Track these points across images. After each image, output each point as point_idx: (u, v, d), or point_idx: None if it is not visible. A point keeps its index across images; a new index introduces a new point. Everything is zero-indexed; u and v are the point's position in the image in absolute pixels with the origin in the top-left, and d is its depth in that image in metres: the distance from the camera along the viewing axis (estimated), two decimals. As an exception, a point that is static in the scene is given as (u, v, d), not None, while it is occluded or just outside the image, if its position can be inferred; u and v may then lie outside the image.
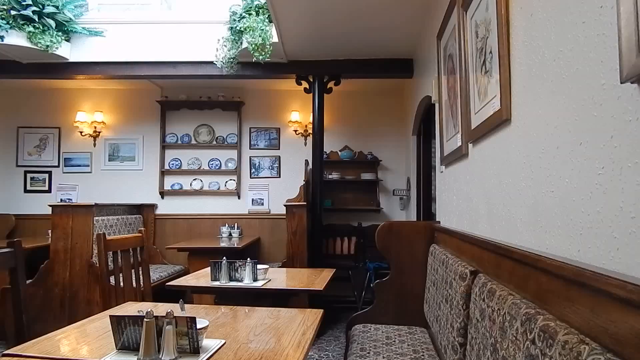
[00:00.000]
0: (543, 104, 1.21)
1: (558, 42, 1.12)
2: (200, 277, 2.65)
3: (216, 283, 2.38)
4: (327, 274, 2.64)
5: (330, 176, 5.30)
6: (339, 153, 5.48)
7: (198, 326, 1.24)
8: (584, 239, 0.97)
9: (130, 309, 1.81)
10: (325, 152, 5.24)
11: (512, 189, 1.47)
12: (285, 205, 4.30)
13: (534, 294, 1.14)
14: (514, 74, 1.45)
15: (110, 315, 1.28)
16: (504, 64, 1.50)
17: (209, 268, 2.58)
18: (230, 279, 2.39)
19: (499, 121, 1.55)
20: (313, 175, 4.51)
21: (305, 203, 4.26)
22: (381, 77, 4.66)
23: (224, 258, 2.38)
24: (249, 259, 2.39)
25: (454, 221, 2.45)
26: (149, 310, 1.19)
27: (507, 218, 1.53)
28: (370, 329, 2.59)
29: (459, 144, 2.21)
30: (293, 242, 4.16)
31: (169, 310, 1.19)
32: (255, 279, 2.36)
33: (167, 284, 2.48)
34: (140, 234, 2.83)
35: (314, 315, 1.68)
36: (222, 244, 4.61)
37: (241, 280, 2.36)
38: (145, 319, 1.16)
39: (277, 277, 2.58)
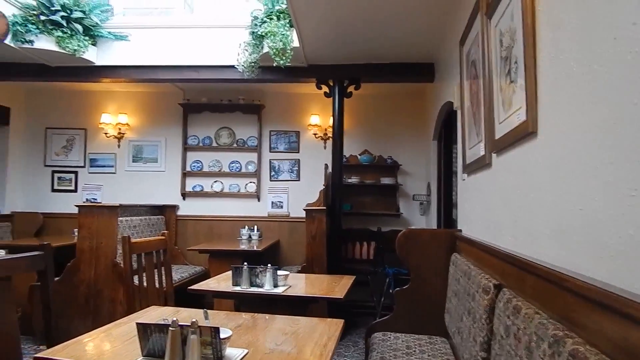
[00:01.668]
0: (571, 118, 1.19)
1: (587, 56, 1.10)
2: (222, 281, 2.68)
3: (237, 288, 2.41)
4: (347, 281, 2.64)
5: (349, 180, 5.30)
6: (359, 157, 5.47)
7: (221, 336, 1.26)
8: (614, 261, 0.95)
9: (154, 314, 1.85)
10: (345, 155, 5.24)
11: (537, 203, 1.45)
12: (305, 210, 4.31)
13: (560, 313, 1.12)
14: (540, 85, 1.43)
15: (137, 323, 1.31)
16: (530, 76, 1.47)
17: (229, 272, 2.61)
18: (251, 285, 2.41)
19: (525, 133, 1.52)
20: (333, 179, 4.51)
21: (324, 207, 4.27)
22: (402, 81, 4.64)
23: (245, 264, 2.40)
24: (269, 265, 2.41)
25: (476, 231, 2.42)
26: (174, 319, 1.22)
27: (531, 232, 1.50)
28: (390, 337, 2.58)
29: (482, 153, 2.19)
30: (312, 246, 4.17)
31: (194, 320, 1.21)
32: (275, 285, 2.38)
33: (189, 288, 2.52)
34: (163, 237, 2.88)
35: (335, 326, 1.68)
36: (242, 246, 4.67)
37: (262, 286, 2.39)
38: (170, 328, 1.19)
39: (297, 284, 2.59)
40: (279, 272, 2.46)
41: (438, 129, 4.54)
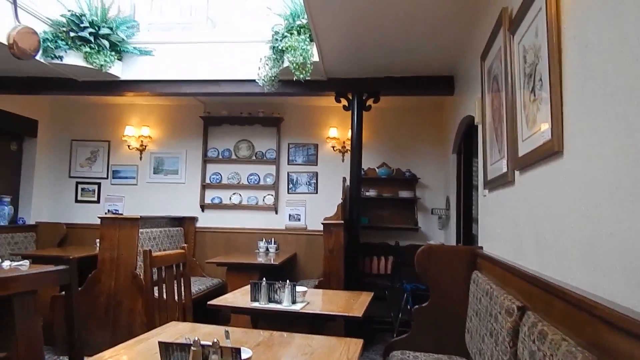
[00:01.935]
0: (599, 139, 1.16)
1: (616, 77, 1.07)
2: (240, 296, 2.69)
3: (255, 304, 2.41)
4: (365, 298, 2.61)
5: (367, 193, 5.28)
6: (377, 170, 5.45)
7: (243, 356, 1.25)
8: (648, 290, 0.91)
9: (174, 330, 1.86)
10: (363, 168, 5.22)
11: (563, 224, 1.41)
12: (322, 224, 4.30)
13: (590, 341, 1.08)
14: (566, 105, 1.40)
15: (159, 342, 1.32)
16: (556, 94, 1.45)
17: (247, 286, 2.61)
18: (269, 301, 2.41)
19: (550, 152, 1.49)
20: (351, 192, 4.50)
21: (342, 222, 4.25)
22: (421, 94, 4.62)
23: (264, 279, 2.41)
24: (288, 281, 2.40)
25: (498, 248, 2.37)
26: (196, 338, 1.22)
27: (557, 253, 1.46)
28: (408, 356, 2.53)
29: (505, 170, 2.15)
30: (330, 261, 4.15)
31: (215, 340, 1.21)
32: (294, 302, 2.37)
33: (208, 303, 2.53)
34: (183, 250, 2.91)
35: (354, 346, 1.66)
36: (259, 259, 4.67)
37: (280, 302, 2.38)
38: (192, 347, 1.19)
39: (314, 300, 2.57)
40: (298, 289, 2.45)
41: (458, 142, 4.50)
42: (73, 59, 4.25)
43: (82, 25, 4.20)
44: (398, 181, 5.40)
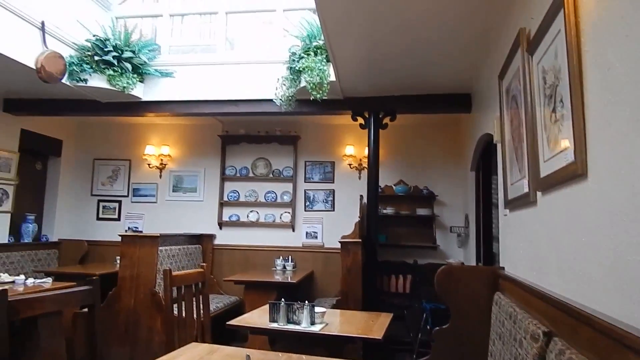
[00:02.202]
0: (624, 162, 1.14)
1: (641, 101, 1.06)
2: (258, 316, 2.68)
3: (274, 325, 2.40)
4: (384, 320, 2.58)
5: (384, 211, 5.25)
6: (394, 187, 5.43)
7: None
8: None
9: (194, 352, 1.87)
10: (380, 186, 5.21)
11: (588, 248, 1.38)
12: (340, 242, 4.29)
13: (621, 372, 1.04)
14: (589, 127, 1.39)
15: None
16: (578, 117, 1.43)
17: (266, 306, 2.61)
18: (288, 321, 2.40)
19: (573, 175, 1.47)
20: (368, 210, 4.48)
21: (360, 240, 4.23)
22: (438, 112, 4.62)
23: (282, 300, 2.40)
24: (307, 301, 2.40)
25: (520, 270, 2.33)
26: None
27: (583, 278, 1.43)
28: (429, 379, 2.47)
29: (526, 190, 2.12)
30: (347, 279, 4.12)
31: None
32: (312, 323, 2.36)
33: (227, 323, 2.53)
34: (202, 270, 2.93)
35: (375, 371, 1.64)
36: (277, 277, 4.67)
37: (299, 323, 2.37)
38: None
39: (333, 321, 2.56)
40: (316, 309, 2.44)
41: (476, 160, 4.46)
42: (97, 81, 4.39)
43: (106, 49, 4.35)
44: (416, 198, 5.37)
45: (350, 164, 5.53)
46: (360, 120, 4.62)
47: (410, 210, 5.32)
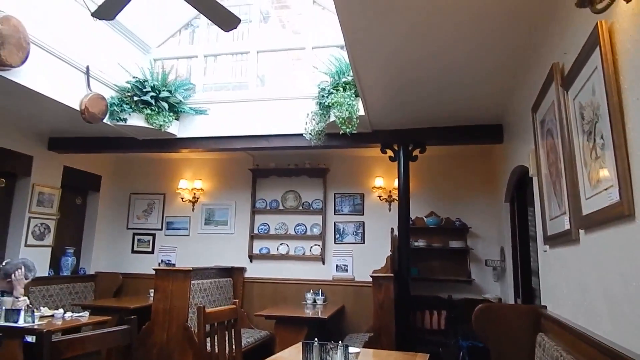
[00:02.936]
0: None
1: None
2: (290, 354, 2.64)
3: (307, 365, 2.35)
4: (421, 361, 2.49)
5: (416, 243, 5.15)
6: (425, 219, 5.34)
7: None
8: None
9: (229, 394, 1.85)
10: (410, 218, 5.14)
11: (642, 293, 1.31)
12: (371, 276, 4.23)
13: None
14: (634, 166, 1.34)
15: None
16: (621, 155, 1.39)
17: (298, 344, 2.57)
18: (322, 362, 2.34)
19: (620, 215, 1.42)
20: (399, 243, 4.41)
21: (392, 275, 4.16)
22: (468, 143, 4.57)
23: (315, 340, 2.36)
24: (340, 342, 2.35)
25: (565, 310, 2.22)
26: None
27: (636, 324, 1.35)
28: None
29: (567, 227, 2.05)
30: (380, 315, 4.03)
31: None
32: (346, 364, 2.29)
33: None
34: (234, 306, 2.94)
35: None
36: (307, 311, 4.62)
37: (332, 364, 2.31)
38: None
39: (368, 361, 2.48)
40: (350, 349, 2.37)
41: (510, 191, 4.36)
42: (135, 120, 4.59)
43: (144, 89, 4.57)
44: (448, 230, 5.25)
45: (379, 196, 5.50)
46: (390, 153, 4.61)
47: (442, 242, 5.20)
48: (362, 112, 4.03)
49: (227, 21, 3.45)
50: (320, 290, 5.24)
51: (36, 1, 3.78)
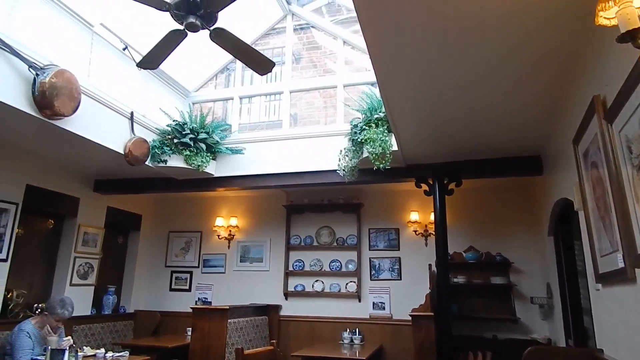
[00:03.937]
0: None
1: None
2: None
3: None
4: (469, 409, 2.35)
5: (455, 280, 4.97)
6: (464, 254, 5.17)
7: None
8: None
9: None
10: (448, 253, 4.99)
11: None
12: (411, 315, 4.09)
13: None
14: (693, 203, 1.27)
15: None
16: (678, 191, 1.33)
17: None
18: (364, 408, 2.26)
19: (681, 255, 1.33)
20: (438, 280, 4.28)
21: (432, 314, 4.01)
22: (506, 176, 4.45)
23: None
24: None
25: (624, 355, 2.06)
26: None
27: None
28: None
29: (621, 265, 1.94)
30: (421, 357, 3.87)
31: None
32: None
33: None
34: (272, 347, 2.91)
35: None
36: (344, 351, 4.50)
37: (375, 411, 2.23)
38: None
39: (412, 408, 2.37)
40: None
41: (553, 225, 4.18)
42: (175, 161, 4.77)
43: (184, 132, 4.76)
44: (488, 266, 5.05)
45: (415, 231, 5.39)
46: (425, 187, 4.55)
47: (483, 278, 4.99)
48: (395, 148, 4.03)
49: (262, 65, 3.60)
50: (357, 329, 5.10)
51: (86, 54, 4.08)
